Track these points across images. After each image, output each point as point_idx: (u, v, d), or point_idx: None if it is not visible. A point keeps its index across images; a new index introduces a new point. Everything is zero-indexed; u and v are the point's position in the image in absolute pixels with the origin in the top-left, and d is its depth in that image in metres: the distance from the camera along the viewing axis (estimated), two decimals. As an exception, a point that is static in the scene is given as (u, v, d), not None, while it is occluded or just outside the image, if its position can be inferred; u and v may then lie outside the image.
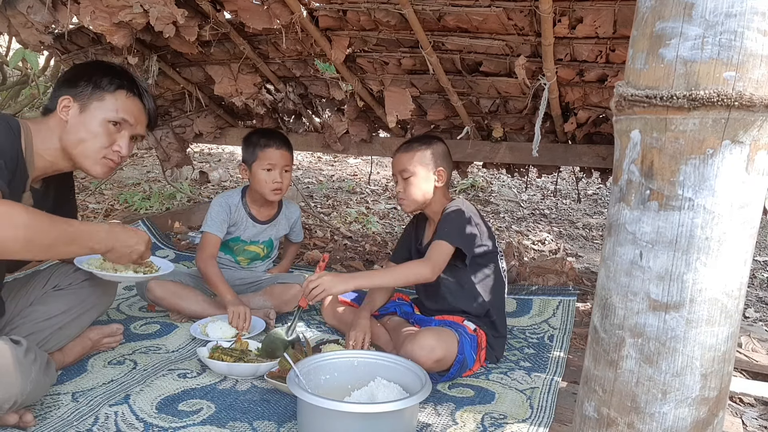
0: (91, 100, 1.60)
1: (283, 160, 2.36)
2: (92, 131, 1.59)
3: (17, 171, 1.48)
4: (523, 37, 2.25)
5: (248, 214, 2.47)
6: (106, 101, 1.61)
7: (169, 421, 1.55)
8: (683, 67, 0.92)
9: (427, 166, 2.04)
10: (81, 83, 1.61)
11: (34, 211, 1.35)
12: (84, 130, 1.59)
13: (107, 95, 1.61)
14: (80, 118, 1.59)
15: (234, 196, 2.47)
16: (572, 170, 4.01)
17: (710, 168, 0.93)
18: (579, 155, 2.81)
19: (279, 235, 2.58)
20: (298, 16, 2.32)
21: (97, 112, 1.60)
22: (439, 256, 1.93)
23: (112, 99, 1.62)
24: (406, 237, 2.30)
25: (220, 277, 2.24)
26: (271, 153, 2.34)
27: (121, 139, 1.64)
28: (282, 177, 2.35)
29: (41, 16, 2.28)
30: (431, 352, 1.76)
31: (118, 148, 1.63)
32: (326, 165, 6.49)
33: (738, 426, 1.74)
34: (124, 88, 1.64)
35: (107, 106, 1.61)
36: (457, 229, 1.97)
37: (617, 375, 1.04)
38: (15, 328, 1.68)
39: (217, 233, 2.37)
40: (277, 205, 2.55)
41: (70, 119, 1.59)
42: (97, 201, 4.41)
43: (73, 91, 1.60)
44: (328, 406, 1.35)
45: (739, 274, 0.99)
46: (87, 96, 1.60)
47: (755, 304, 3.17)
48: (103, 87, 1.61)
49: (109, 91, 1.62)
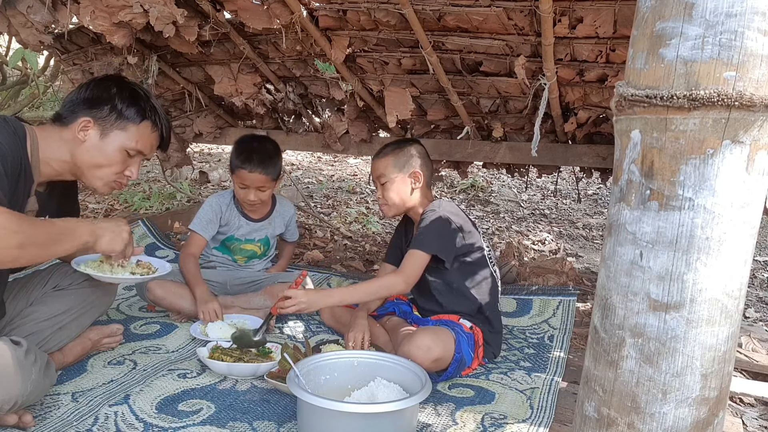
0: (113, 128, 1.61)
1: (257, 183, 2.33)
2: (109, 158, 1.61)
3: (21, 176, 1.48)
4: (523, 37, 2.24)
5: (241, 213, 2.47)
6: (128, 131, 1.62)
7: (169, 421, 1.55)
8: (683, 67, 0.92)
9: (402, 169, 2.05)
10: (105, 108, 1.61)
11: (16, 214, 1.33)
12: (101, 155, 1.60)
13: (131, 125, 1.63)
14: (99, 143, 1.59)
15: (226, 196, 2.47)
16: (572, 170, 4.01)
17: (710, 168, 0.93)
18: (579, 155, 2.81)
19: (275, 233, 2.58)
20: (298, 16, 2.32)
21: (117, 140, 1.61)
22: (413, 266, 1.94)
23: (134, 129, 1.63)
24: (396, 237, 2.31)
25: (194, 274, 2.25)
26: (244, 175, 2.32)
27: (134, 165, 1.67)
28: (257, 196, 2.35)
29: (41, 16, 2.28)
30: (428, 352, 1.76)
31: (129, 173, 1.66)
32: (326, 165, 6.49)
33: (738, 426, 1.74)
34: (148, 119, 1.66)
35: (128, 136, 1.62)
36: (433, 235, 1.97)
37: (617, 375, 1.04)
38: (15, 328, 1.68)
39: (201, 233, 2.37)
40: (270, 204, 2.55)
41: (88, 141, 1.59)
42: (97, 201, 4.41)
43: (95, 114, 1.60)
44: (328, 406, 1.35)
45: (740, 274, 0.99)
46: (110, 123, 1.60)
47: (755, 304, 3.17)
48: (129, 118, 1.62)
49: (134, 123, 1.63)
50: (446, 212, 2.02)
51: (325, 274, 2.95)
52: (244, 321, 2.16)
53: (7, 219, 1.28)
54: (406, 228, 2.26)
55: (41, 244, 1.38)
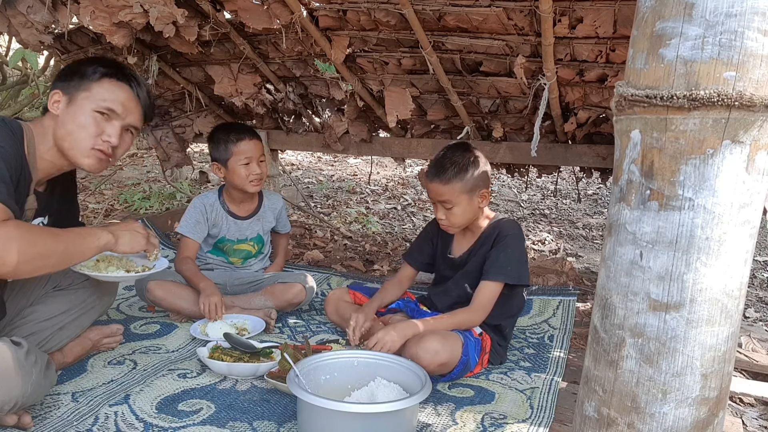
0: (78, 92, 1.57)
1: (258, 151, 2.36)
2: (79, 122, 1.56)
3: (21, 176, 1.48)
4: (523, 37, 2.25)
5: (227, 212, 2.46)
6: (92, 91, 1.58)
7: (169, 421, 1.55)
8: (683, 67, 0.92)
9: (471, 192, 1.88)
10: (69, 76, 1.60)
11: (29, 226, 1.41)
12: (72, 121, 1.56)
13: (93, 85, 1.58)
14: (68, 111, 1.57)
15: (210, 196, 2.47)
16: (572, 170, 4.01)
17: (710, 168, 0.93)
18: (579, 155, 2.81)
19: (267, 229, 2.57)
20: (298, 16, 2.32)
21: (84, 103, 1.57)
22: (489, 300, 1.86)
23: (98, 88, 1.58)
24: (425, 239, 2.17)
25: (194, 272, 2.25)
26: (245, 146, 2.33)
27: (111, 128, 1.59)
28: (260, 167, 2.36)
29: (41, 16, 2.28)
30: (435, 356, 1.75)
31: (107, 137, 1.58)
32: (326, 165, 6.49)
33: (738, 426, 1.74)
34: (109, 76, 1.61)
35: (94, 96, 1.58)
36: (517, 262, 1.87)
37: (617, 375, 1.04)
38: (15, 328, 1.69)
39: (191, 235, 2.37)
40: (257, 199, 2.54)
41: (60, 113, 1.57)
42: (97, 201, 4.41)
43: (63, 85, 1.59)
44: (328, 406, 1.35)
45: (740, 274, 0.99)
46: (74, 88, 1.58)
47: (755, 304, 3.17)
48: (89, 77, 1.58)
49: (95, 80, 1.58)
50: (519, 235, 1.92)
51: (325, 274, 2.95)
52: (244, 321, 2.16)
53: (22, 232, 1.33)
54: (443, 234, 2.09)
55: (62, 252, 1.44)
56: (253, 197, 2.51)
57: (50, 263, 1.43)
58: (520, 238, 1.94)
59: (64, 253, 1.45)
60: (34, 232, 1.41)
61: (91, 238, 1.54)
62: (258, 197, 2.54)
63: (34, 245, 1.36)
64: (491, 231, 1.96)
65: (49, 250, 1.41)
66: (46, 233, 1.45)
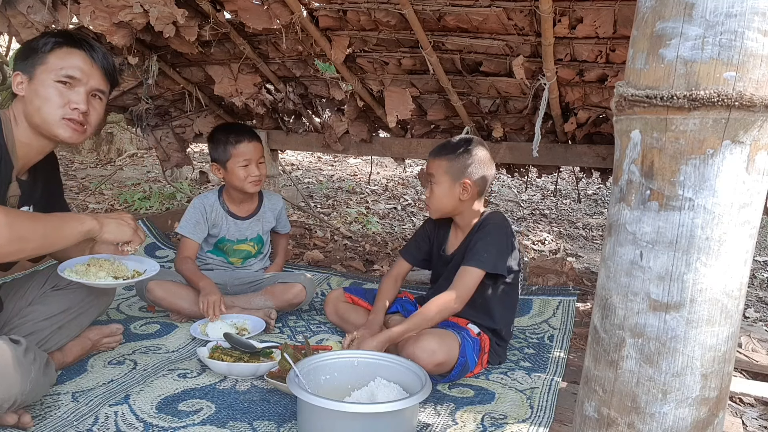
0: (36, 67, 1.59)
1: (258, 153, 2.37)
2: (44, 96, 1.57)
3: (1, 163, 1.50)
4: (523, 37, 2.25)
5: (227, 213, 2.46)
6: (48, 63, 1.59)
7: (169, 421, 1.55)
8: (683, 67, 0.92)
9: (454, 176, 1.91)
10: (25, 55, 1.61)
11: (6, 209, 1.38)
12: (37, 97, 1.57)
13: (48, 57, 1.59)
14: (31, 88, 1.58)
15: (210, 196, 2.47)
16: (572, 170, 4.01)
17: (710, 168, 0.93)
18: (579, 155, 2.81)
19: (267, 229, 2.57)
20: (298, 16, 2.32)
21: (44, 76, 1.58)
22: (466, 285, 1.87)
23: (53, 58, 1.59)
24: (422, 235, 2.18)
25: (194, 272, 2.25)
26: (245, 148, 2.33)
27: (75, 95, 1.60)
28: (259, 169, 2.37)
29: (41, 16, 2.28)
30: (432, 356, 1.75)
31: (75, 104, 1.59)
32: (326, 165, 6.49)
33: (738, 426, 1.74)
34: (60, 44, 1.61)
35: (51, 67, 1.59)
36: (495, 250, 1.88)
37: (617, 375, 1.04)
38: (14, 327, 1.68)
39: (190, 236, 2.37)
40: (257, 199, 2.54)
41: (26, 92, 1.59)
42: (97, 201, 4.41)
43: (22, 65, 1.60)
44: (328, 406, 1.35)
45: (740, 274, 0.99)
46: (32, 65, 1.59)
47: (755, 304, 3.17)
48: (41, 50, 1.60)
49: (48, 52, 1.59)
50: (502, 225, 1.94)
51: (325, 274, 2.95)
52: (244, 321, 2.16)
53: None
54: (438, 230, 2.13)
55: (41, 235, 1.43)
56: (253, 197, 2.51)
57: (29, 246, 1.42)
58: (503, 228, 1.94)
59: (44, 236, 1.44)
60: (12, 215, 1.40)
61: (74, 223, 1.53)
62: (258, 197, 2.54)
63: (11, 228, 1.35)
64: (478, 224, 1.99)
65: (28, 232, 1.39)
66: (25, 216, 1.44)
